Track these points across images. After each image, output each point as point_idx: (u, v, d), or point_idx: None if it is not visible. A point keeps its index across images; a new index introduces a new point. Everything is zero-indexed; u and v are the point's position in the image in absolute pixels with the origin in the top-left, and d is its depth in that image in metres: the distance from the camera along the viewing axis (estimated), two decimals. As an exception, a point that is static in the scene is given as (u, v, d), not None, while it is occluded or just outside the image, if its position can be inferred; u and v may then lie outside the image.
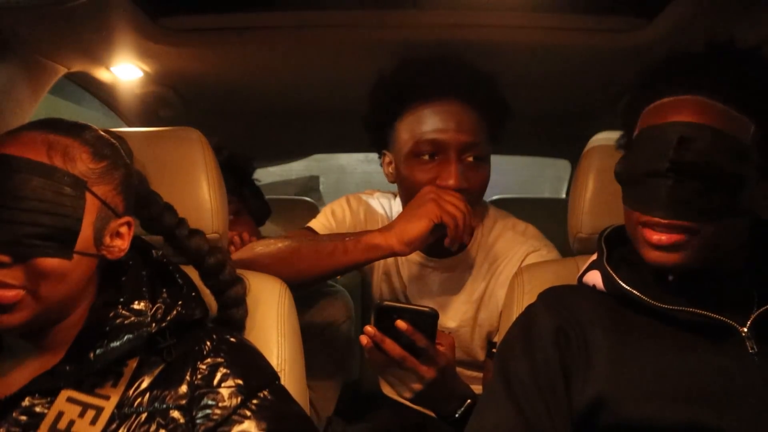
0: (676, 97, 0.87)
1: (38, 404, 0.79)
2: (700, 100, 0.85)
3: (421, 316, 1.02)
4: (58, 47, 1.36)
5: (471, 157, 1.23)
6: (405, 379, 1.06)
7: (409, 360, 1.03)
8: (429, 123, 1.23)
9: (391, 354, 1.02)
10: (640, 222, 0.86)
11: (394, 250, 1.15)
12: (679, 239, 0.83)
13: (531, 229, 1.38)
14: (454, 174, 1.20)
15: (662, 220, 0.83)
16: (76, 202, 0.78)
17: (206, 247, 0.98)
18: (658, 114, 0.87)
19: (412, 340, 1.02)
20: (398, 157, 1.29)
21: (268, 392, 0.86)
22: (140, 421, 0.79)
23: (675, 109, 0.85)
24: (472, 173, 1.24)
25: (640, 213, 0.86)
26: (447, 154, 1.22)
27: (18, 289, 0.76)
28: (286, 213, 2.22)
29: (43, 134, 0.80)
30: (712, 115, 0.84)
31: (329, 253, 1.17)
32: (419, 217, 1.14)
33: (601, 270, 0.95)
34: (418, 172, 1.24)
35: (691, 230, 0.82)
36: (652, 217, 0.84)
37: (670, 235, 0.83)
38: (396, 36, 1.44)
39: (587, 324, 0.90)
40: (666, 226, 0.83)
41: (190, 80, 1.76)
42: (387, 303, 1.03)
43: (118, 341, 0.80)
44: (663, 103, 0.88)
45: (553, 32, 1.43)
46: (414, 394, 1.07)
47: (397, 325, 1.01)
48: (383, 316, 1.02)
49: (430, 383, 1.05)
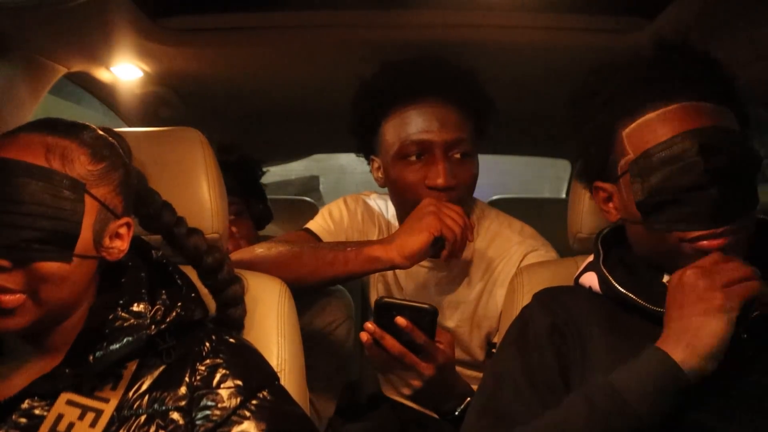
0: (665, 109, 0.86)
1: (38, 407, 0.79)
2: (694, 106, 0.85)
3: (420, 312, 1.03)
4: (58, 47, 1.36)
5: (458, 153, 1.24)
6: (404, 376, 1.06)
7: (409, 357, 1.03)
8: (413, 124, 1.24)
9: (390, 351, 1.02)
10: (684, 240, 0.84)
11: (395, 264, 1.15)
12: (732, 240, 0.82)
13: (528, 229, 1.38)
14: (441, 172, 1.21)
15: (716, 230, 0.82)
16: (75, 205, 0.78)
17: (204, 246, 0.97)
18: (655, 130, 0.86)
19: (412, 337, 1.02)
20: (386, 160, 1.30)
21: (267, 393, 0.85)
22: (140, 423, 0.79)
23: (675, 121, 0.85)
24: (460, 170, 1.24)
25: (684, 231, 0.84)
26: (433, 153, 1.22)
27: (18, 293, 0.76)
28: (286, 213, 2.22)
29: (41, 136, 0.80)
30: (711, 116, 0.85)
31: (329, 263, 1.17)
32: (419, 231, 1.14)
33: (597, 272, 0.95)
34: (407, 174, 1.24)
35: (737, 231, 0.83)
36: (702, 231, 0.83)
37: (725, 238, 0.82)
38: (396, 36, 1.44)
39: (583, 323, 0.90)
40: (718, 235, 0.82)
41: (190, 80, 1.76)
42: (386, 299, 1.03)
43: (117, 344, 0.80)
44: (651, 119, 0.86)
45: (553, 32, 1.43)
46: (413, 391, 1.07)
47: (397, 321, 1.01)
48: (383, 313, 1.02)
49: (430, 380, 1.05)
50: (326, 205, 1.50)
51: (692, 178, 0.82)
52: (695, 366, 0.74)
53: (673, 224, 0.84)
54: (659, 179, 0.84)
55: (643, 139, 0.87)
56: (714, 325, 0.74)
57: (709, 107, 0.86)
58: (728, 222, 0.82)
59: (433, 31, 1.42)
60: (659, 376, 0.74)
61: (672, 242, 0.86)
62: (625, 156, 0.89)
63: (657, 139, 0.85)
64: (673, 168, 0.83)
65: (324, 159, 6.89)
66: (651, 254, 0.92)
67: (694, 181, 0.82)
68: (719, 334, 0.74)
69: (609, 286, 0.91)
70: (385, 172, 1.32)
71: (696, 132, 0.83)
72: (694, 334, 0.74)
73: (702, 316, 0.75)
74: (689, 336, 0.75)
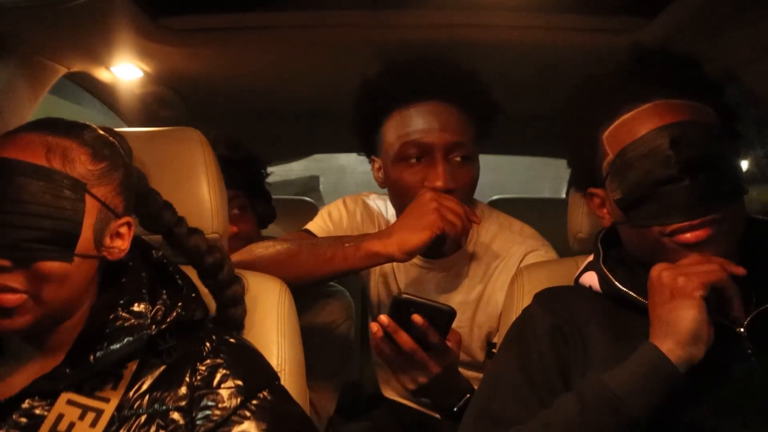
0: (638, 109, 0.88)
1: (38, 406, 0.79)
2: (668, 103, 0.87)
3: (438, 312, 1.03)
4: (58, 47, 1.36)
5: (458, 156, 1.23)
6: (411, 371, 1.07)
7: (420, 354, 1.04)
8: (413, 125, 1.23)
9: (402, 346, 1.03)
10: (665, 234, 0.85)
11: (394, 258, 1.15)
12: (712, 232, 0.83)
13: (527, 229, 1.38)
14: (441, 175, 1.20)
15: (692, 222, 0.83)
16: (76, 205, 0.78)
17: (205, 246, 0.97)
18: (630, 129, 0.87)
19: (426, 336, 1.02)
20: (386, 161, 1.29)
21: (267, 393, 0.85)
22: (140, 423, 0.79)
23: (649, 118, 0.86)
24: (460, 173, 1.24)
25: (662, 225, 0.85)
26: (433, 155, 1.22)
27: (20, 293, 0.76)
28: (286, 213, 2.22)
29: (42, 136, 0.80)
30: (684, 111, 0.86)
31: (328, 259, 1.17)
32: (421, 228, 1.13)
33: (597, 271, 0.95)
34: (406, 175, 1.24)
35: (717, 221, 0.83)
36: (679, 224, 0.83)
37: (703, 230, 0.83)
38: (398, 36, 1.44)
39: (583, 322, 0.90)
40: (696, 227, 0.83)
41: (190, 80, 1.77)
42: (406, 296, 1.03)
43: (118, 344, 0.80)
44: (627, 119, 0.88)
45: (553, 32, 1.43)
46: (418, 386, 1.08)
47: (414, 319, 1.01)
48: (400, 309, 1.03)
49: (435, 377, 1.06)
50: (325, 206, 1.50)
51: (666, 172, 0.83)
52: (681, 355, 0.76)
53: (652, 219, 0.86)
54: (635, 176, 0.86)
55: (620, 139, 0.88)
56: (684, 311, 0.77)
57: (682, 104, 0.87)
58: (705, 213, 0.83)
59: (434, 31, 1.42)
60: (648, 368, 0.77)
61: (654, 238, 0.87)
62: (606, 158, 0.91)
63: (632, 137, 0.86)
64: (647, 163, 0.84)
65: (324, 159, 6.89)
66: (641, 253, 0.92)
67: (668, 174, 0.83)
68: (691, 317, 0.76)
69: (609, 284, 0.92)
70: (385, 173, 1.32)
71: (668, 126, 0.84)
72: (670, 323, 0.77)
73: (673, 305, 0.78)
74: (668, 326, 0.78)
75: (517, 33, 1.43)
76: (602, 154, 0.91)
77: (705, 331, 0.76)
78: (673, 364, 0.76)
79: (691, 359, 0.76)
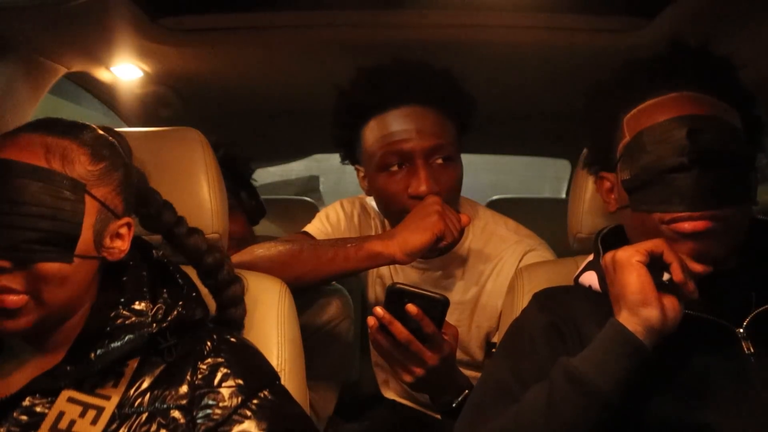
0: (664, 97, 0.88)
1: (39, 404, 0.79)
2: (694, 96, 0.87)
3: (432, 302, 1.03)
4: (58, 47, 1.36)
5: (439, 159, 1.23)
6: (408, 363, 1.07)
7: (415, 344, 1.04)
8: (391, 133, 1.22)
9: (397, 337, 1.03)
10: (664, 221, 0.85)
11: (396, 260, 1.15)
12: (711, 227, 0.83)
13: (523, 228, 1.38)
14: (424, 180, 1.20)
15: (693, 213, 0.83)
16: (75, 206, 0.78)
17: (204, 246, 0.97)
18: (652, 115, 0.87)
19: (421, 326, 1.02)
20: (369, 170, 1.29)
21: (268, 392, 0.86)
22: (141, 421, 0.79)
23: (672, 106, 0.86)
24: (443, 175, 1.23)
25: (663, 212, 0.85)
26: (413, 161, 1.22)
27: (21, 294, 0.76)
28: (285, 213, 2.22)
29: (41, 136, 0.80)
30: (708, 106, 0.86)
31: (330, 260, 1.17)
32: (423, 230, 1.13)
33: (596, 271, 0.95)
34: (389, 184, 1.24)
35: (718, 218, 0.83)
36: (679, 213, 0.83)
37: (703, 222, 0.83)
38: (397, 36, 1.44)
39: (582, 320, 0.90)
40: (695, 218, 0.83)
41: (190, 80, 1.77)
42: (399, 286, 1.04)
43: (118, 341, 0.80)
44: (650, 105, 0.88)
45: (553, 32, 1.43)
46: (415, 379, 1.08)
47: (408, 308, 1.02)
48: (394, 299, 1.03)
49: (432, 370, 1.06)
50: (323, 209, 1.50)
51: (678, 160, 0.83)
52: (635, 320, 0.77)
53: (655, 205, 0.86)
54: (647, 160, 0.86)
55: (639, 123, 0.88)
56: (626, 277, 0.79)
57: (708, 99, 0.87)
58: (707, 208, 0.82)
59: (434, 32, 1.42)
60: (606, 341, 0.78)
61: (653, 224, 0.87)
62: (623, 140, 0.91)
63: (652, 122, 0.87)
64: (661, 149, 0.84)
65: (324, 159, 6.87)
66: (641, 241, 0.92)
67: (679, 162, 0.83)
68: (632, 281, 0.78)
69: None
70: (369, 181, 1.31)
71: (689, 117, 0.84)
72: (619, 295, 0.80)
73: (617, 278, 0.80)
74: (617, 299, 0.80)
75: (517, 33, 1.43)
76: (620, 135, 0.91)
77: (651, 293, 0.77)
78: (630, 331, 0.77)
79: (648, 324, 0.77)
